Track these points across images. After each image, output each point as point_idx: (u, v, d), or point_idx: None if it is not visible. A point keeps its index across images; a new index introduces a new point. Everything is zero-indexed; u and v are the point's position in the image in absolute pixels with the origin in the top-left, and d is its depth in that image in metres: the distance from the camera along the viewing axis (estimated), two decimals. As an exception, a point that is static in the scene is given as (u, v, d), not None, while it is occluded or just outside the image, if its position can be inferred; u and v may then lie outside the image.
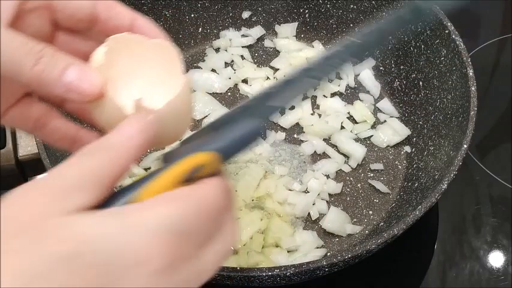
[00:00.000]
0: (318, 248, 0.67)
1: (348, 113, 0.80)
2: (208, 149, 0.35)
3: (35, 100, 0.42)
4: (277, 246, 0.67)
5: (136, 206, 0.31)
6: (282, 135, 0.77)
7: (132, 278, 0.29)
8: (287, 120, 0.78)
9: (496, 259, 0.69)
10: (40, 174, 0.68)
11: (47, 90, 0.36)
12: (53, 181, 0.30)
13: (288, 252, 0.66)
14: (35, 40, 0.36)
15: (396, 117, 0.79)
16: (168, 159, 0.35)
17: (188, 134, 0.42)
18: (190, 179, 0.34)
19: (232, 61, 0.85)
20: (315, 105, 0.81)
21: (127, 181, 0.67)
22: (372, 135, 0.78)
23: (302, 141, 0.77)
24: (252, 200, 0.70)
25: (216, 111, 0.79)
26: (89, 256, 0.27)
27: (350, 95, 0.82)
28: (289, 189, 0.72)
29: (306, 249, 0.66)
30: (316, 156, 0.76)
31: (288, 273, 0.52)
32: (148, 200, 0.32)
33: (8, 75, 0.35)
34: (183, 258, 0.31)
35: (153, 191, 0.33)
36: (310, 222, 0.69)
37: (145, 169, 0.74)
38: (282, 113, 0.39)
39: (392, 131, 0.77)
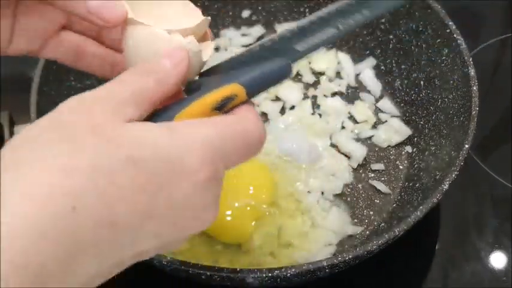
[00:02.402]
0: (328, 245, 0.67)
1: (349, 112, 0.79)
2: (239, 81, 0.36)
3: (71, 32, 0.46)
4: (289, 245, 0.66)
5: (183, 123, 0.34)
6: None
7: (180, 185, 0.32)
8: (287, 120, 0.78)
9: (497, 260, 0.68)
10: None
11: (73, 11, 0.40)
12: (109, 95, 0.33)
13: (299, 251, 0.66)
14: None
15: (397, 117, 0.79)
16: (193, 89, 0.37)
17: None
18: (219, 108, 0.36)
19: (232, 60, 0.85)
20: (315, 105, 0.80)
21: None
22: (372, 135, 0.77)
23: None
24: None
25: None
26: (144, 160, 0.30)
27: (351, 95, 0.82)
28: (291, 189, 0.71)
29: (317, 248, 0.66)
30: (317, 156, 0.75)
31: (288, 274, 0.51)
32: (192, 120, 0.35)
33: None
34: (218, 176, 0.34)
35: (189, 114, 0.36)
36: (315, 221, 0.69)
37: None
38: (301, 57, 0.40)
39: (393, 131, 0.77)
